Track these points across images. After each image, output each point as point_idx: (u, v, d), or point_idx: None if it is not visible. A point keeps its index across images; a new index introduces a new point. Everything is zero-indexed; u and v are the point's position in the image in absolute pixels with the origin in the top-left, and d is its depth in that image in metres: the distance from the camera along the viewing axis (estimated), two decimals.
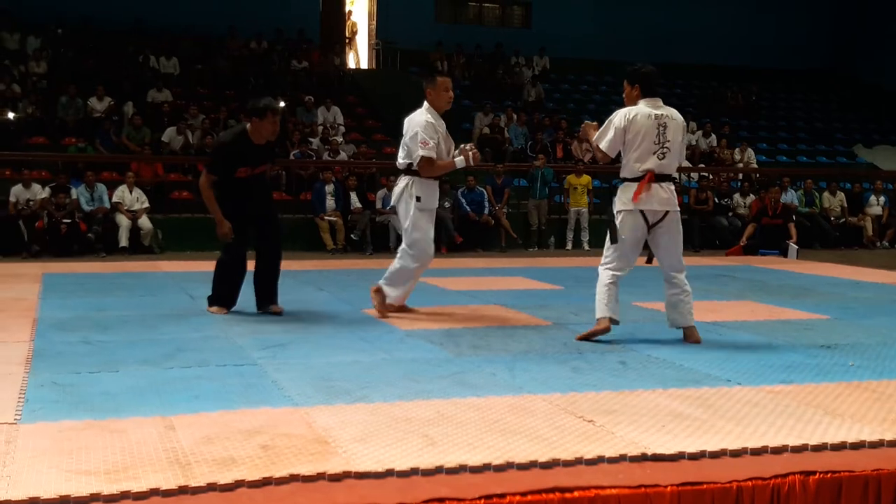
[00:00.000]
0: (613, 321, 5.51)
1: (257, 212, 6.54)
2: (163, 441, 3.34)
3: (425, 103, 6.36)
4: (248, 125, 6.53)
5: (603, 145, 5.56)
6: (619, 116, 5.53)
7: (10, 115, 15.01)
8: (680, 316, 5.59)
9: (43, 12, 17.84)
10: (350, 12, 22.34)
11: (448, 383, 4.37)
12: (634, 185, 5.43)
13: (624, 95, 5.78)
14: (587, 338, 5.53)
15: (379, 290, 6.42)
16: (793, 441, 3.48)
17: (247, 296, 7.17)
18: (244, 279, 6.57)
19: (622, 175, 5.58)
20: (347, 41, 22.20)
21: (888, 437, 3.57)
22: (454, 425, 3.62)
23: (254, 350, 5.10)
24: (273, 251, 6.61)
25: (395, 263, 6.39)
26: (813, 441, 3.49)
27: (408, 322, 6.16)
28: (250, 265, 6.57)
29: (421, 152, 6.16)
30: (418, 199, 6.29)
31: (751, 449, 3.39)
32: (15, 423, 3.58)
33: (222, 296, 6.61)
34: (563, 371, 4.70)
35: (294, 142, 15.24)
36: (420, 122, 6.23)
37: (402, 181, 6.39)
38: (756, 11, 23.42)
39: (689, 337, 5.55)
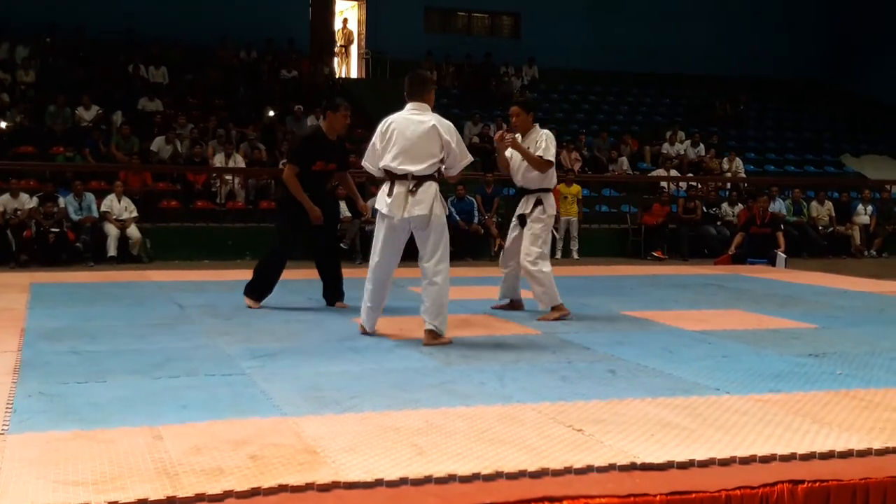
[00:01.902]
0: None
1: (323, 210, 6.97)
2: (151, 451, 3.33)
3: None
4: (323, 122, 7.12)
5: (552, 158, 6.72)
6: (553, 138, 6.81)
7: (3, 125, 14.96)
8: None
9: (32, 22, 17.81)
10: (346, 20, 22.39)
11: (437, 392, 4.37)
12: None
13: (519, 121, 6.88)
14: (556, 319, 6.56)
15: (431, 332, 5.76)
16: (781, 450, 3.49)
17: (232, 299, 7.16)
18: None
19: (549, 186, 6.87)
20: (343, 49, 22.22)
21: (876, 445, 3.58)
22: (443, 435, 3.62)
23: (243, 360, 5.09)
24: (335, 251, 7.13)
25: (433, 291, 5.75)
26: (801, 450, 3.50)
27: (397, 331, 6.16)
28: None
29: (469, 159, 5.96)
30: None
31: (739, 458, 3.40)
32: (2, 434, 3.56)
33: (261, 288, 7.09)
34: (552, 380, 4.70)
35: (283, 151, 15.22)
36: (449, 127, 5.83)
37: (432, 188, 5.76)
38: (744, 22, 23.57)
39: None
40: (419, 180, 5.66)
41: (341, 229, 13.39)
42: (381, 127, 5.82)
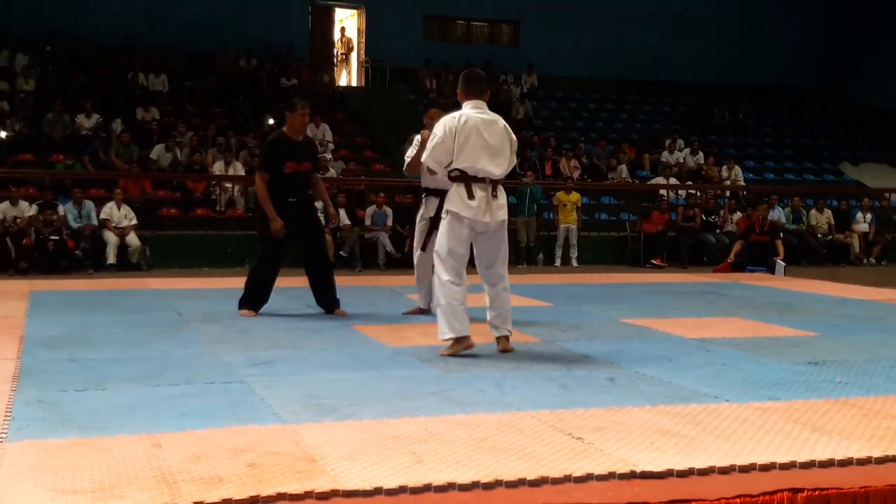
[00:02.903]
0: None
1: (301, 216, 6.97)
2: (149, 459, 3.32)
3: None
4: (285, 126, 7.12)
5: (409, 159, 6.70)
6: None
7: (2, 134, 14.98)
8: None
9: (32, 30, 17.84)
10: (343, 29, 22.43)
11: (436, 400, 4.36)
12: None
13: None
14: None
15: (508, 338, 5.73)
16: (781, 458, 3.48)
17: (232, 307, 7.17)
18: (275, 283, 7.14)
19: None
20: (344, 58, 22.26)
21: (876, 454, 3.58)
22: (442, 443, 3.61)
23: (242, 367, 5.08)
24: (323, 257, 7.04)
25: (506, 297, 5.69)
26: (801, 458, 3.49)
27: (396, 339, 6.15)
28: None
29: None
30: None
31: (739, 466, 3.39)
32: (1, 442, 3.56)
33: (254, 299, 7.10)
34: (551, 388, 4.69)
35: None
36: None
37: (504, 191, 5.72)
38: (742, 30, 23.62)
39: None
40: (496, 183, 5.50)
41: (341, 237, 13.41)
42: (453, 123, 5.46)
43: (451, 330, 5.44)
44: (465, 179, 5.43)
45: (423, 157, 5.71)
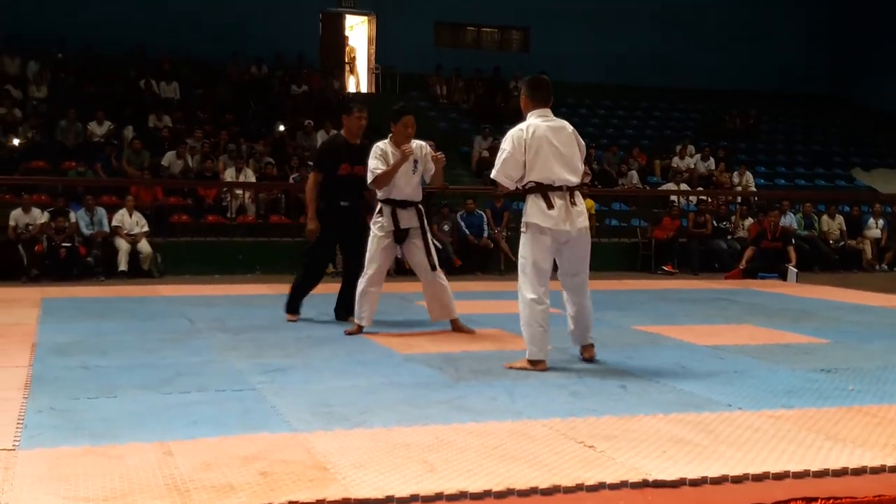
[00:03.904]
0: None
1: (350, 220, 7.10)
2: (161, 467, 3.32)
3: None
4: (342, 128, 7.29)
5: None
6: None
7: (16, 142, 15.05)
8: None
9: (44, 37, 17.92)
10: (347, 38, 22.48)
11: (447, 408, 4.36)
12: None
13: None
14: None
15: (593, 346, 5.70)
16: (794, 467, 3.46)
17: (242, 313, 7.18)
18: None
19: None
20: (348, 66, 22.32)
21: (890, 462, 3.55)
22: (454, 451, 3.60)
23: (253, 375, 5.09)
24: (358, 266, 6.97)
25: (589, 306, 5.64)
26: (814, 467, 3.47)
27: (406, 346, 6.15)
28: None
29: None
30: None
31: (752, 475, 3.37)
32: (13, 450, 3.57)
33: (297, 303, 7.28)
34: (562, 395, 4.68)
35: (293, 165, 15.27)
36: None
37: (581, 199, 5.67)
38: (753, 36, 23.56)
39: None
40: (573, 190, 5.40)
41: None
42: (521, 135, 5.33)
43: (530, 353, 5.35)
44: (542, 189, 5.31)
45: (494, 174, 5.47)
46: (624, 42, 22.57)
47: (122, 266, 12.14)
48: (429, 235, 6.73)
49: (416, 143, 6.65)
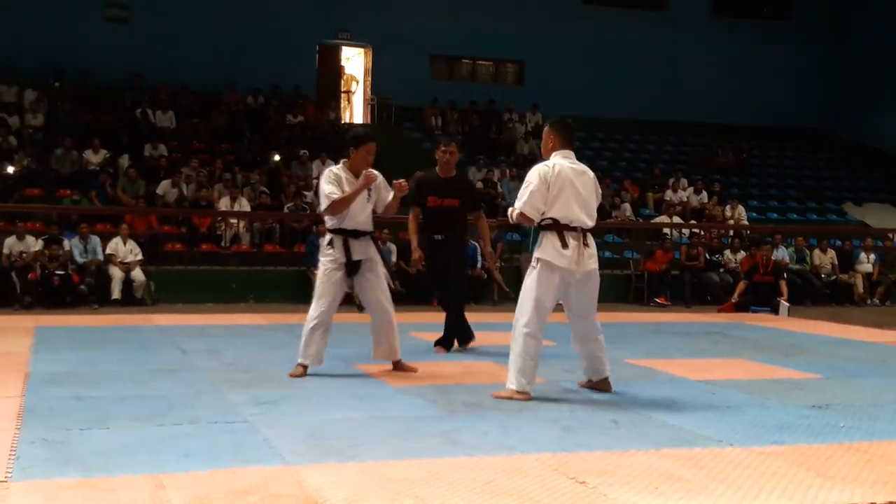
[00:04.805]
0: None
1: (444, 254, 7.30)
2: (153, 501, 3.33)
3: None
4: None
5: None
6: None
7: (10, 170, 15.07)
8: None
9: (41, 66, 18.03)
10: (342, 68, 22.64)
11: (440, 442, 4.36)
12: None
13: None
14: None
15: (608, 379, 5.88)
16: None
17: (235, 343, 7.17)
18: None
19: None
20: (346, 96, 22.47)
21: (879, 500, 3.57)
22: (446, 486, 3.61)
23: (245, 406, 5.09)
24: (453, 296, 7.33)
25: (602, 342, 5.80)
26: None
27: (399, 378, 6.15)
28: None
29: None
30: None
31: None
32: (6, 482, 3.56)
33: (454, 336, 7.55)
34: (554, 430, 4.69)
35: (288, 195, 15.32)
36: None
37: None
38: (745, 70, 23.78)
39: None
40: (586, 233, 5.54)
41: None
42: (547, 171, 5.49)
43: (518, 384, 5.45)
44: (558, 227, 5.44)
45: (521, 206, 5.56)
46: (617, 76, 22.79)
47: (116, 294, 12.13)
48: (381, 267, 6.35)
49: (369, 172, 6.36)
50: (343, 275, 6.17)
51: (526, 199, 5.52)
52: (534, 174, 5.53)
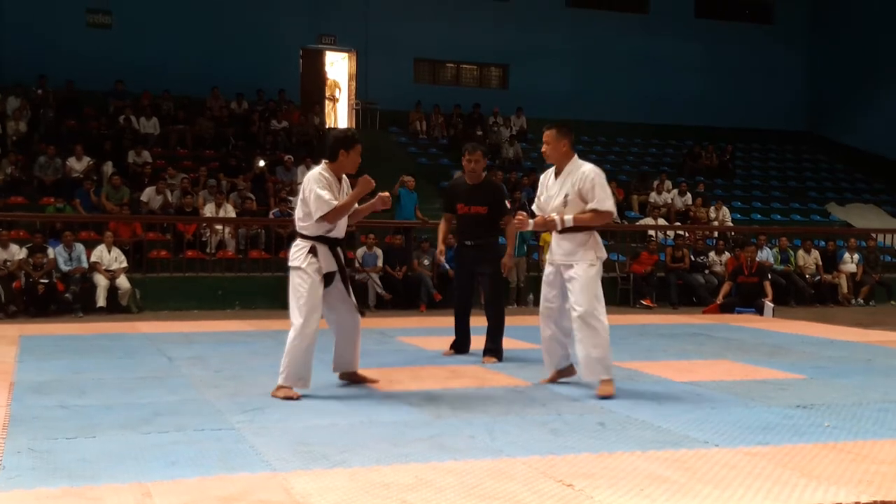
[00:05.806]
0: None
1: (474, 260, 7.38)
2: None
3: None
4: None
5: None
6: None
7: None
8: None
9: (24, 73, 17.95)
10: (325, 73, 22.63)
11: (427, 447, 4.37)
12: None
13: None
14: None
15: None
16: None
17: (221, 350, 7.15)
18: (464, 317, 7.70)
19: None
20: (330, 102, 22.46)
21: (864, 499, 3.60)
22: (433, 490, 3.62)
23: (232, 413, 5.08)
24: (486, 305, 7.50)
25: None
26: (790, 503, 3.51)
27: (386, 383, 6.15)
28: None
29: None
30: None
31: None
32: None
33: (455, 342, 7.67)
34: (541, 433, 4.71)
35: (277, 199, 15.30)
36: None
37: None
38: (729, 73, 23.93)
39: None
40: None
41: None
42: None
43: (606, 371, 5.78)
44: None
45: (610, 206, 6.12)
46: (601, 79, 22.91)
47: (101, 302, 12.07)
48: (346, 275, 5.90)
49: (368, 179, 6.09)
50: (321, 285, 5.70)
51: (610, 198, 6.09)
52: (600, 175, 6.04)
